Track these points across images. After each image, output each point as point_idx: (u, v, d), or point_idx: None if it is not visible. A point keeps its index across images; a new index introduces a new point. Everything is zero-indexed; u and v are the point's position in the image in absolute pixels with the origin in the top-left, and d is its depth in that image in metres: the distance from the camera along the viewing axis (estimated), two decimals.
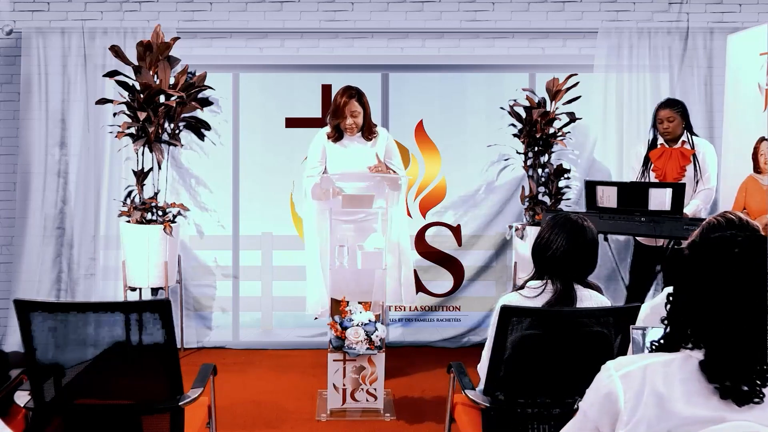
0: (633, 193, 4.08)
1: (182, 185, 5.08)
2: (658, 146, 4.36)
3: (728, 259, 1.31)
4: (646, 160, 4.38)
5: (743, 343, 1.29)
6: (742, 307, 1.29)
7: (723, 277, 1.31)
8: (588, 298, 2.41)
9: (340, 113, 3.95)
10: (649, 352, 1.43)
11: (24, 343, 2.33)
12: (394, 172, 4.05)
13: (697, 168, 4.27)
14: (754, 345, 1.29)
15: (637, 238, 4.46)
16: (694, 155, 4.28)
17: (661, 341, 1.41)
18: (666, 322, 1.42)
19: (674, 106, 4.33)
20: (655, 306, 2.39)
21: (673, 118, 4.28)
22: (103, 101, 4.58)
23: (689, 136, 4.33)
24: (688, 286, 1.37)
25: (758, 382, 1.28)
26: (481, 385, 2.46)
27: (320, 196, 3.96)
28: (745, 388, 1.27)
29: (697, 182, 4.27)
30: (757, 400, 1.28)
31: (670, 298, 1.41)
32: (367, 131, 4.04)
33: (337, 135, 4.04)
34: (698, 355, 1.32)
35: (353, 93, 3.96)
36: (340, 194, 3.89)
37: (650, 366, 1.34)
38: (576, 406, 1.43)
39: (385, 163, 4.04)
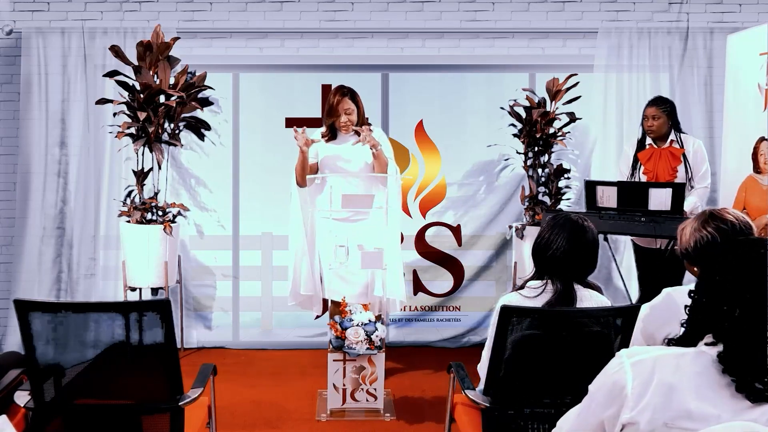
0: (633, 193, 4.07)
1: (182, 185, 5.08)
2: (647, 146, 4.33)
3: (756, 261, 1.34)
4: (635, 162, 4.35)
5: (763, 340, 1.30)
6: (762, 306, 1.31)
7: (750, 277, 1.33)
8: (588, 298, 2.41)
9: (335, 112, 4.02)
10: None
11: (24, 343, 2.33)
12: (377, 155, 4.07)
13: (688, 167, 4.25)
14: None
15: (634, 240, 4.45)
16: (684, 154, 4.27)
17: (680, 338, 1.44)
18: (685, 323, 1.44)
19: (661, 104, 4.28)
20: (655, 306, 2.39)
21: (658, 116, 4.25)
22: (103, 101, 4.58)
23: (677, 134, 4.30)
24: (713, 287, 1.38)
25: None
26: (481, 385, 2.46)
27: (301, 174, 4.01)
28: (760, 387, 1.29)
29: (689, 180, 4.24)
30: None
31: (693, 297, 1.43)
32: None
33: (330, 135, 4.09)
34: (712, 351, 1.34)
35: (346, 91, 4.04)
36: (317, 174, 3.95)
37: (662, 357, 1.36)
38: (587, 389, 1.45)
39: None
